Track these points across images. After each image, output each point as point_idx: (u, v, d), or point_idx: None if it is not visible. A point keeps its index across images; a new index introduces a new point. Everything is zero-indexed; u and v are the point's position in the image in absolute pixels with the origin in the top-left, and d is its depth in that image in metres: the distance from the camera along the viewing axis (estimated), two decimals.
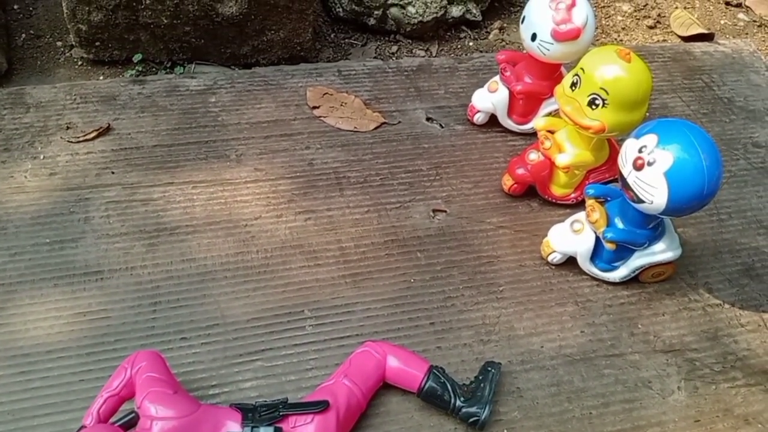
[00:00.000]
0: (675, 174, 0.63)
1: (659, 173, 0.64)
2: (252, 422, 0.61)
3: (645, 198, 0.65)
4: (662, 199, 0.64)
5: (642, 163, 0.65)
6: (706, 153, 0.63)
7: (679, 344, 0.73)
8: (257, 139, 0.90)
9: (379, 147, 0.91)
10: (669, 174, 0.63)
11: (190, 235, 0.79)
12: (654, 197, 0.65)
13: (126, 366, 0.63)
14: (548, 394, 0.69)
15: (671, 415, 0.68)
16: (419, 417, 0.67)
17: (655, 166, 0.64)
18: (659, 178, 0.64)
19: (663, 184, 0.64)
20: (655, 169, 0.64)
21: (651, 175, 0.64)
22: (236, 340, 0.71)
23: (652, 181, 0.64)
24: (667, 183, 0.63)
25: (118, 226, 0.80)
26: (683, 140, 0.63)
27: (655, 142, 0.64)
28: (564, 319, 0.75)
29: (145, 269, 0.76)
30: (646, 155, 0.65)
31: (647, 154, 0.65)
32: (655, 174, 0.64)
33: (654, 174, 0.64)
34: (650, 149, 0.65)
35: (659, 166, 0.64)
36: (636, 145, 0.66)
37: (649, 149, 0.65)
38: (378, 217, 0.83)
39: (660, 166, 0.64)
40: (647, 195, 0.65)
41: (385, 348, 0.67)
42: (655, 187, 0.64)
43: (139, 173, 0.85)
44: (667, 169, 0.63)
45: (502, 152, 0.91)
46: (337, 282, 0.76)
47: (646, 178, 0.65)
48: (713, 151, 0.64)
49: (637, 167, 0.65)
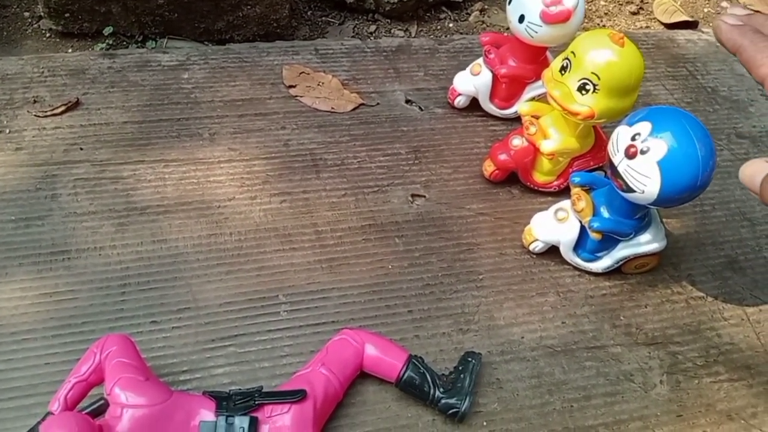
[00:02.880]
0: (669, 163, 0.61)
1: (652, 162, 0.62)
2: (226, 411, 0.59)
3: (636, 187, 0.63)
4: (654, 188, 0.62)
5: (635, 151, 0.63)
6: (701, 142, 0.61)
7: (661, 337, 0.73)
8: (231, 118, 0.87)
9: (356, 129, 0.88)
10: (663, 163, 0.61)
11: (161, 216, 0.77)
12: (646, 187, 0.63)
13: (95, 350, 0.60)
14: (529, 386, 0.68)
15: (653, 410, 0.67)
16: (396, 407, 0.65)
17: (648, 155, 0.62)
18: (652, 167, 0.62)
19: (656, 174, 0.62)
20: (648, 158, 0.62)
21: (644, 164, 0.62)
22: (208, 325, 0.69)
23: (644, 170, 0.62)
24: (661, 172, 0.61)
25: (87, 205, 0.77)
26: (678, 129, 0.61)
27: (648, 129, 0.62)
28: (545, 310, 0.73)
29: (114, 250, 0.73)
30: (640, 143, 0.62)
31: (641, 142, 0.62)
32: (648, 163, 0.62)
33: (647, 163, 0.62)
34: (644, 137, 0.62)
35: (653, 154, 0.62)
36: (628, 133, 0.64)
37: (642, 137, 0.62)
38: (355, 201, 0.80)
39: (653, 155, 0.62)
40: (639, 184, 0.63)
41: (363, 336, 0.65)
42: (647, 176, 0.62)
43: (108, 150, 0.82)
44: (661, 158, 0.61)
45: (483, 137, 0.89)
46: (313, 267, 0.74)
47: (639, 166, 0.63)
48: (708, 141, 0.62)
49: (630, 155, 0.63)
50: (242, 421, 0.58)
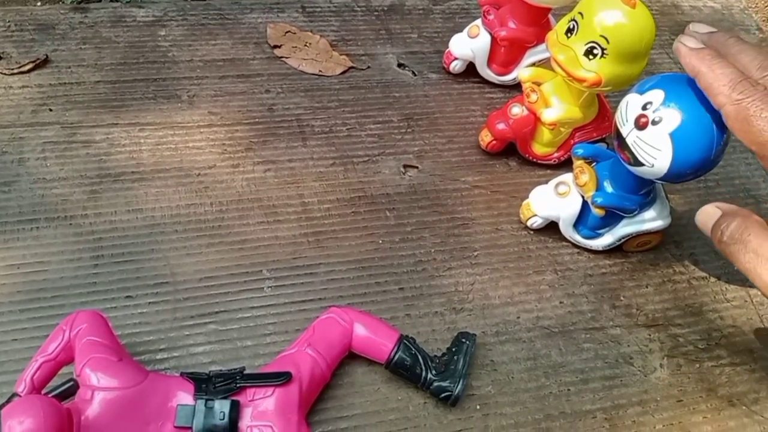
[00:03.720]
0: (682, 135, 0.57)
1: (664, 133, 0.57)
2: (206, 394, 0.55)
3: (645, 160, 0.59)
4: (665, 162, 0.58)
5: (646, 121, 0.58)
6: (716, 114, 0.57)
7: (662, 318, 0.70)
8: (211, 79, 0.82)
9: (345, 94, 0.83)
10: (675, 134, 0.57)
11: (137, 183, 0.72)
12: (656, 160, 0.58)
13: (64, 327, 0.56)
14: (524, 369, 0.65)
15: (653, 394, 0.65)
16: (386, 390, 0.62)
17: (660, 126, 0.57)
18: (664, 138, 0.57)
19: (668, 146, 0.57)
20: (660, 129, 0.57)
21: (655, 136, 0.58)
22: (187, 301, 0.65)
23: (655, 142, 0.58)
24: (673, 145, 0.57)
25: (57, 170, 0.72)
26: (693, 98, 0.57)
27: (661, 98, 0.58)
28: (542, 289, 0.70)
29: (86, 219, 0.69)
30: (651, 113, 0.58)
31: (652, 112, 0.58)
32: (660, 134, 0.57)
33: (658, 134, 0.57)
34: (656, 106, 0.58)
35: (665, 125, 0.57)
36: (639, 101, 0.59)
37: (654, 106, 0.58)
38: (344, 171, 0.76)
39: (666, 126, 0.57)
40: (648, 157, 0.59)
41: (352, 315, 0.62)
42: (658, 148, 0.58)
43: (80, 112, 0.77)
44: (674, 129, 0.57)
45: (479, 105, 0.85)
46: (299, 241, 0.70)
47: (649, 138, 0.58)
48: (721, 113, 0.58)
49: (640, 126, 0.58)
50: (223, 405, 0.55)
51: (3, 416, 0.47)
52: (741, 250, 0.54)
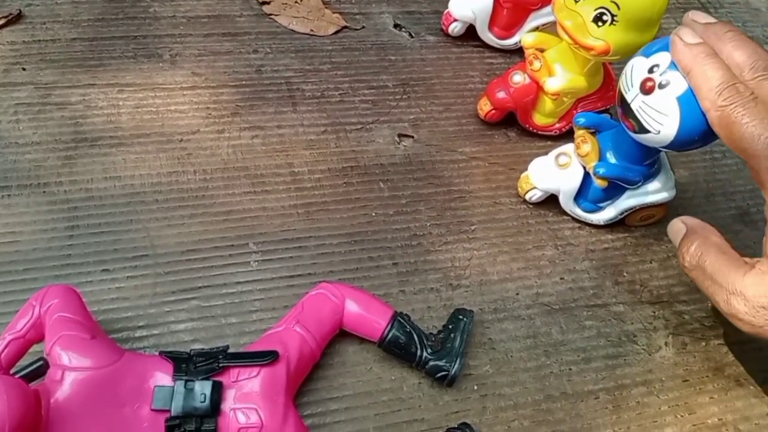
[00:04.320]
0: (691, 99, 0.53)
1: (672, 98, 0.54)
2: (185, 375, 0.51)
3: (651, 127, 0.55)
4: (672, 128, 0.55)
5: (652, 85, 0.54)
6: None
7: (667, 295, 0.67)
8: (196, 38, 0.77)
9: (338, 56, 0.79)
10: (683, 99, 0.53)
11: (115, 149, 0.68)
12: (663, 126, 0.55)
13: (34, 303, 0.52)
14: (523, 347, 0.62)
15: (658, 374, 0.62)
16: (379, 369, 0.59)
17: (667, 89, 0.54)
18: (671, 103, 0.54)
19: (675, 111, 0.54)
20: (667, 93, 0.54)
21: (662, 100, 0.54)
22: (168, 275, 0.61)
23: (662, 107, 0.54)
24: (680, 110, 0.53)
25: (30, 134, 0.67)
26: None
27: (669, 60, 0.54)
28: (542, 264, 0.67)
29: (61, 186, 0.65)
30: (658, 76, 0.54)
31: (659, 75, 0.54)
32: (667, 99, 0.54)
33: (665, 98, 0.54)
34: (663, 69, 0.54)
35: (672, 89, 0.53)
36: (645, 64, 0.56)
37: (661, 69, 0.54)
38: (336, 139, 0.72)
39: (673, 90, 0.53)
40: (655, 123, 0.55)
41: (343, 291, 0.59)
42: (665, 114, 0.54)
43: (55, 71, 0.72)
44: (682, 93, 0.53)
45: (479, 71, 0.81)
46: (288, 212, 0.66)
47: (656, 103, 0.55)
48: None
49: (646, 90, 0.55)
50: (204, 386, 0.51)
51: None
52: (700, 276, 0.55)
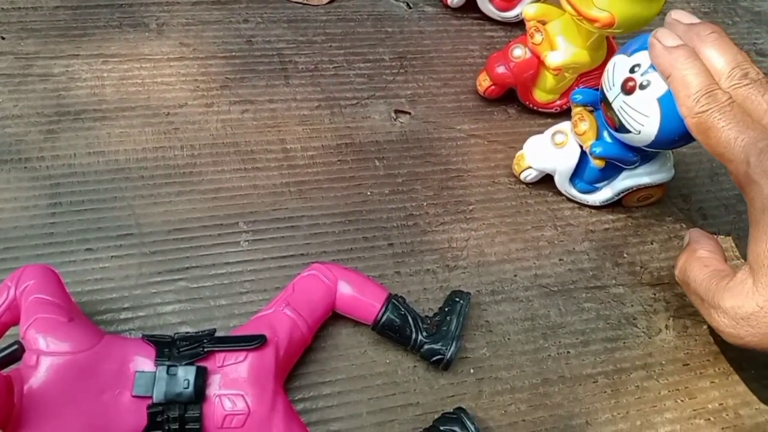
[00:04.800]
0: (670, 100, 0.53)
1: (652, 98, 0.54)
2: (168, 359, 0.49)
3: (632, 127, 0.56)
4: (652, 129, 0.55)
5: (633, 85, 0.55)
6: None
7: (668, 277, 0.65)
8: (183, 6, 0.75)
9: (333, 27, 0.76)
10: (664, 100, 0.53)
11: (99, 122, 0.65)
12: (643, 126, 0.55)
13: (9, 284, 0.50)
14: (521, 330, 0.60)
15: (658, 357, 0.61)
16: (373, 353, 0.58)
17: (648, 90, 0.54)
18: (652, 104, 0.54)
19: (656, 112, 0.54)
20: (647, 94, 0.54)
21: (642, 101, 0.54)
22: (155, 255, 0.59)
23: (643, 108, 0.54)
24: (661, 110, 0.54)
25: (10, 107, 0.65)
26: None
27: (650, 60, 0.54)
28: (541, 245, 0.65)
29: (43, 162, 0.62)
30: (639, 76, 0.54)
31: (640, 75, 0.54)
32: (648, 99, 0.54)
33: (646, 99, 0.54)
34: (644, 69, 0.54)
35: (653, 89, 0.54)
36: (627, 64, 0.56)
37: (642, 69, 0.54)
38: (330, 114, 0.70)
39: (654, 90, 0.54)
40: (635, 124, 0.55)
41: (336, 272, 0.57)
42: (645, 114, 0.54)
43: (36, 41, 0.69)
44: (663, 94, 0.53)
45: (478, 44, 0.78)
46: (280, 190, 0.64)
47: (637, 103, 0.55)
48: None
49: (627, 90, 0.55)
50: (187, 371, 0.49)
51: None
52: (687, 290, 0.56)
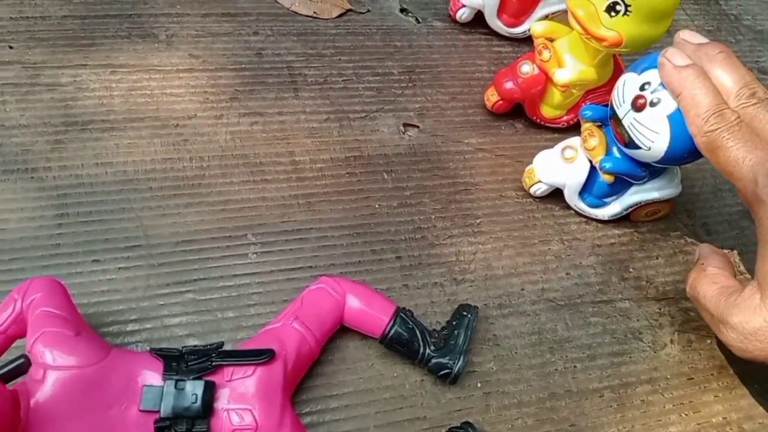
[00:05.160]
0: (680, 117, 0.54)
1: (662, 115, 0.55)
2: (176, 374, 0.49)
3: (642, 143, 0.56)
4: (662, 145, 0.55)
5: (644, 102, 0.55)
6: None
7: (673, 292, 0.66)
8: (193, 17, 0.75)
9: (342, 40, 0.77)
10: (674, 117, 0.54)
11: (107, 133, 0.65)
12: (653, 143, 0.56)
13: (16, 297, 0.50)
14: (528, 344, 0.61)
15: (663, 372, 0.61)
16: (380, 366, 0.57)
17: (658, 107, 0.55)
18: (662, 121, 0.55)
19: (666, 129, 0.55)
20: (658, 111, 0.55)
21: (653, 118, 0.55)
22: (162, 266, 0.59)
23: (653, 125, 0.55)
24: (671, 127, 0.54)
25: (17, 116, 0.64)
26: None
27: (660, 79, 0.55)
28: (548, 259, 0.65)
29: (50, 172, 0.62)
30: (649, 94, 0.55)
31: (650, 93, 0.55)
32: (658, 116, 0.55)
33: (656, 116, 0.55)
34: (654, 87, 0.55)
35: (663, 107, 0.54)
36: (637, 82, 0.56)
37: (653, 86, 0.55)
38: (339, 127, 0.70)
39: (664, 107, 0.54)
40: (645, 140, 0.56)
41: (344, 285, 0.57)
42: (656, 131, 0.55)
43: (44, 50, 0.69)
44: (673, 111, 0.54)
45: (486, 59, 0.78)
46: (288, 203, 0.64)
47: (647, 120, 0.55)
48: None
49: (637, 107, 0.56)
50: (195, 386, 0.49)
51: None
52: (698, 306, 0.57)
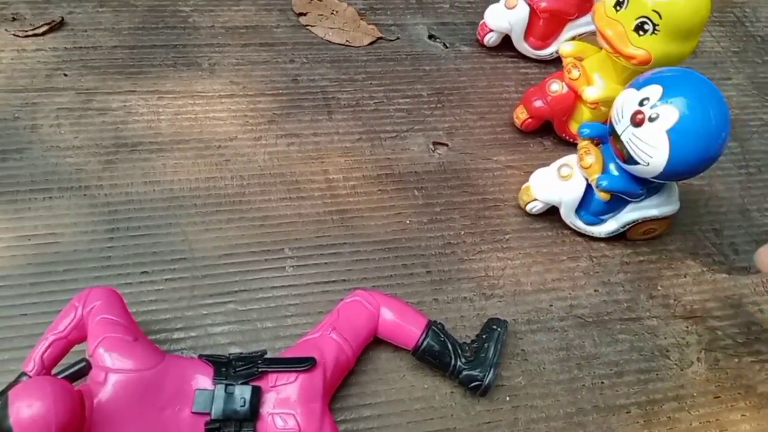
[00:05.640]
0: (680, 133, 0.55)
1: (661, 131, 0.56)
2: (225, 379, 0.52)
3: (641, 159, 0.58)
4: (661, 160, 0.57)
5: (642, 118, 0.56)
6: (715, 110, 0.55)
7: (700, 310, 0.67)
8: (234, 47, 0.78)
9: (373, 66, 0.80)
10: (673, 132, 0.55)
11: (154, 154, 0.69)
12: (652, 158, 0.57)
13: (77, 304, 0.53)
14: (556, 359, 0.62)
15: (689, 390, 0.62)
16: (412, 377, 0.59)
17: (657, 123, 0.56)
18: (661, 136, 0.56)
19: (664, 144, 0.56)
20: (657, 126, 0.56)
21: (651, 133, 0.56)
22: (206, 278, 0.62)
23: (651, 140, 0.56)
24: (670, 142, 0.55)
25: (71, 138, 0.69)
26: (691, 94, 0.55)
27: (659, 94, 0.56)
28: (576, 276, 0.67)
29: (101, 190, 0.66)
30: (648, 109, 0.56)
31: (649, 108, 0.56)
32: (657, 131, 0.56)
33: (655, 131, 0.56)
34: (653, 102, 0.56)
35: (662, 122, 0.55)
36: (636, 97, 0.58)
37: (651, 102, 0.56)
38: (371, 147, 0.73)
39: (663, 123, 0.55)
40: (644, 155, 0.57)
41: (378, 298, 0.59)
42: (654, 146, 0.56)
43: (96, 77, 0.73)
44: (671, 127, 0.55)
45: (513, 80, 0.81)
46: (323, 219, 0.67)
47: (645, 135, 0.56)
48: (722, 109, 0.56)
49: (636, 122, 0.57)
50: (243, 390, 0.52)
51: (10, 399, 0.44)
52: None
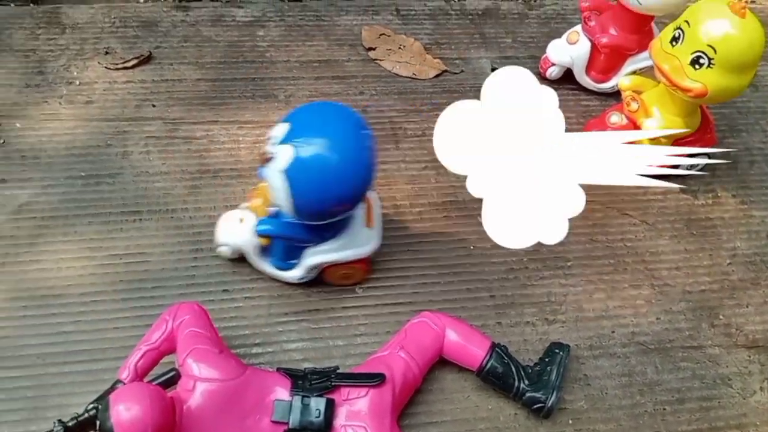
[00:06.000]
0: (295, 172, 0.53)
1: (277, 171, 0.54)
2: (302, 391, 0.56)
3: (275, 199, 0.56)
4: (286, 201, 0.55)
5: (267, 157, 0.55)
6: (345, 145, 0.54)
7: (763, 340, 0.67)
8: (307, 80, 0.83)
9: (439, 97, 0.83)
10: (289, 172, 0.53)
11: (235, 180, 0.73)
12: (279, 200, 0.55)
13: (167, 318, 0.58)
14: (618, 385, 0.63)
15: (752, 418, 0.62)
16: (476, 398, 0.62)
17: (274, 163, 0.54)
18: (278, 176, 0.54)
19: (283, 184, 0.54)
20: (274, 166, 0.54)
21: (272, 174, 0.54)
22: (281, 297, 0.66)
23: (272, 181, 0.55)
24: (289, 183, 0.54)
25: (159, 164, 0.74)
26: (312, 130, 0.54)
27: (284, 132, 0.55)
28: (638, 304, 0.68)
29: (187, 213, 0.71)
30: (270, 148, 0.55)
31: (271, 147, 0.55)
32: (274, 172, 0.54)
33: (273, 172, 0.54)
34: (274, 141, 0.55)
35: (278, 162, 0.54)
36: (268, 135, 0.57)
37: (273, 141, 0.55)
38: (436, 174, 0.76)
39: (279, 163, 0.54)
40: (275, 196, 0.56)
41: (444, 320, 0.62)
42: (276, 187, 0.55)
43: (181, 108, 0.79)
44: (286, 167, 0.53)
45: (575, 113, 0.83)
46: (391, 243, 0.70)
47: (269, 176, 0.55)
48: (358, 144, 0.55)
49: (263, 162, 0.55)
50: (318, 402, 0.55)
51: (111, 401, 0.49)
52: None
